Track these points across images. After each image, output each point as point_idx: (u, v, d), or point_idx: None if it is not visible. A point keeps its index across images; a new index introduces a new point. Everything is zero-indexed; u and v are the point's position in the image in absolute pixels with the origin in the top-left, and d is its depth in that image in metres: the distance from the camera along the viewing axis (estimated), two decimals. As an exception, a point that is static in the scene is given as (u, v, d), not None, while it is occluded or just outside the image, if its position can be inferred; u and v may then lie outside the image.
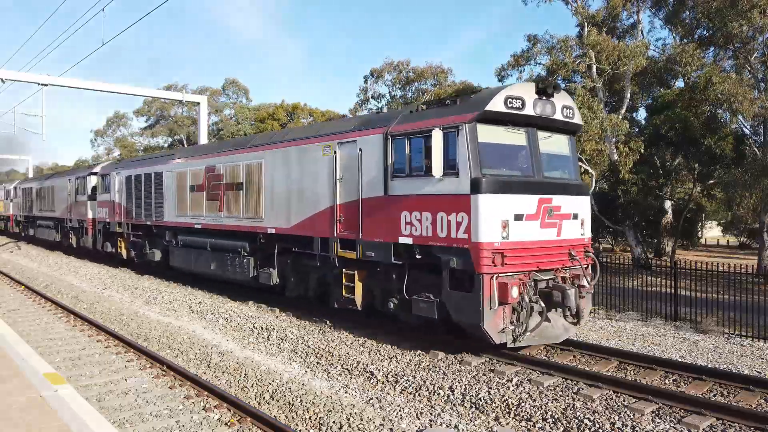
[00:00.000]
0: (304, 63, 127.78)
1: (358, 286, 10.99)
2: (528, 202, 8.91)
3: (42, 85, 24.34)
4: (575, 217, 9.57)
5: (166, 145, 60.76)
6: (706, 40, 25.98)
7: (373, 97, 46.82)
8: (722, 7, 21.93)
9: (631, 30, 30.18)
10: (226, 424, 6.89)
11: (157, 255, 18.94)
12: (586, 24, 27.48)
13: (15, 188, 39.19)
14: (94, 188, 24.30)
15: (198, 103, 29.92)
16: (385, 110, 30.75)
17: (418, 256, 9.59)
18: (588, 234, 10.02)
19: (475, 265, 8.51)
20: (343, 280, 11.17)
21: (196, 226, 16.34)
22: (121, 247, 21.88)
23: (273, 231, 13.07)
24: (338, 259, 11.20)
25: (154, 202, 18.67)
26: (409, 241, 9.61)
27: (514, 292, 8.46)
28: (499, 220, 8.58)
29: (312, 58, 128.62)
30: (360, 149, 10.65)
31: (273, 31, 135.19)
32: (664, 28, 29.57)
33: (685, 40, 26.62)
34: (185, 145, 50.45)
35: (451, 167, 8.91)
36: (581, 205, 9.81)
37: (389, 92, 46.57)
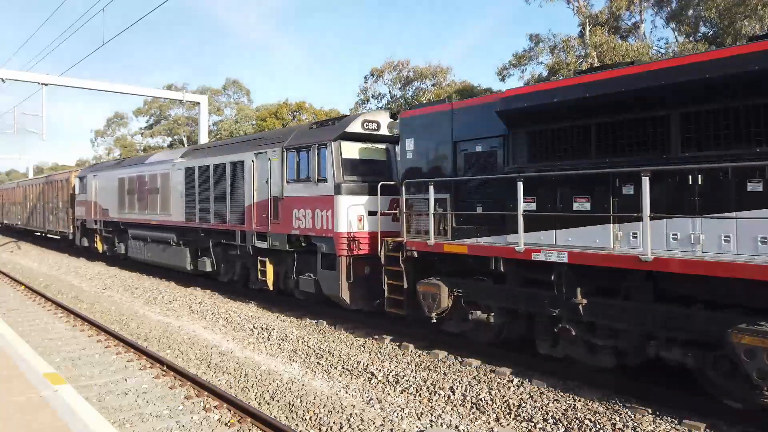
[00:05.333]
0: (303, 62, 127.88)
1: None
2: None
3: (42, 84, 24.36)
4: None
5: (165, 145, 60.79)
6: (711, 39, 25.98)
7: (373, 96, 46.90)
8: (731, 5, 21.85)
9: (634, 30, 30.18)
10: (226, 424, 6.88)
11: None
12: (588, 24, 27.48)
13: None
14: None
15: (198, 103, 29.94)
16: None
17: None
18: None
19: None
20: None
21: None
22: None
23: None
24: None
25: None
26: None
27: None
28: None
29: (312, 58, 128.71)
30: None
31: (273, 30, 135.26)
32: (666, 27, 29.59)
33: (689, 39, 26.61)
34: (185, 145, 50.48)
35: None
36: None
37: (389, 92, 46.64)
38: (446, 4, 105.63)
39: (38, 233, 36.11)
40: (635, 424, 6.52)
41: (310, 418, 7.05)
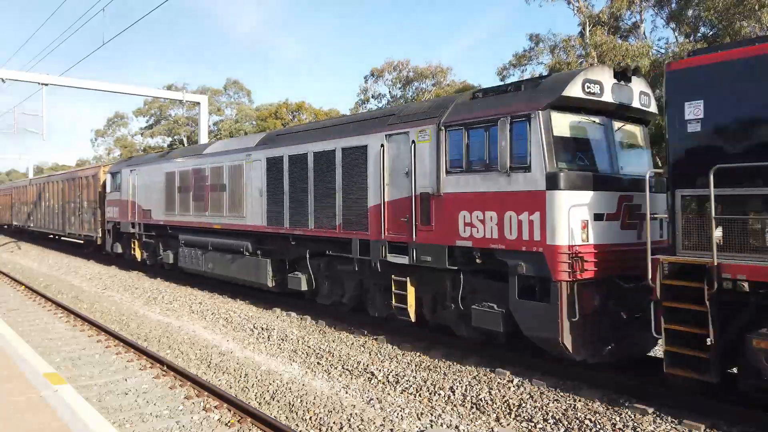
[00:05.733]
0: (303, 63, 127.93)
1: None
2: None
3: (42, 84, 24.36)
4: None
5: (165, 145, 60.79)
6: (711, 39, 25.99)
7: (373, 96, 46.91)
8: (729, 6, 21.88)
9: (634, 30, 30.18)
10: (226, 424, 6.88)
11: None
12: (588, 24, 27.48)
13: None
14: None
15: (198, 103, 29.94)
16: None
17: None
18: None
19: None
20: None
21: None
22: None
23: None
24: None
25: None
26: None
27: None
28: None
29: (312, 58, 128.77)
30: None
31: (273, 30, 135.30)
32: (666, 27, 29.60)
33: (689, 39, 26.61)
34: (185, 145, 50.45)
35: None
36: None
37: (389, 92, 46.66)
38: (446, 4, 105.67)
39: (54, 236, 32.77)
40: (635, 424, 6.52)
41: (311, 418, 7.05)
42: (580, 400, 7.25)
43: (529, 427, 6.69)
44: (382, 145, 10.17)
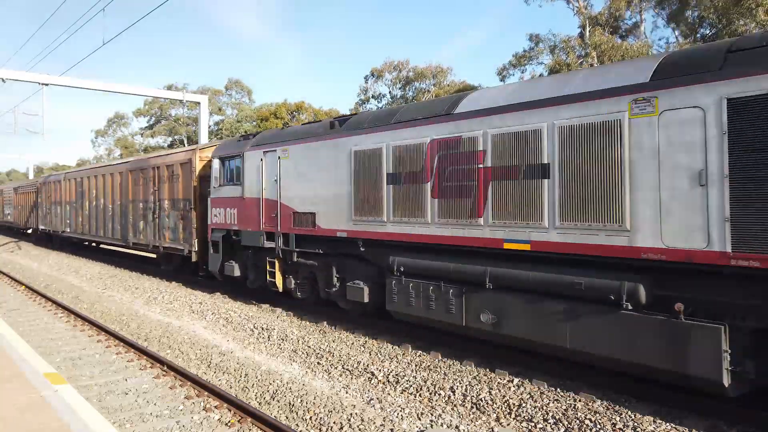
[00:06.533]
0: (303, 62, 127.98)
1: None
2: None
3: (42, 84, 24.38)
4: None
5: (165, 145, 60.83)
6: (710, 39, 26.03)
7: (373, 96, 46.95)
8: (728, 5, 21.97)
9: (634, 30, 30.20)
10: (226, 424, 6.89)
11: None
12: (588, 24, 27.50)
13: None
14: None
15: (198, 103, 29.96)
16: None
17: None
18: None
19: None
20: None
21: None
22: None
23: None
24: None
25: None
26: None
27: None
28: None
29: (312, 58, 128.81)
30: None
31: (273, 30, 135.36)
32: (667, 27, 29.63)
33: (688, 41, 26.63)
34: (185, 145, 50.38)
35: None
36: None
37: (389, 92, 46.69)
38: (446, 4, 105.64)
39: (106, 244, 25.91)
40: (635, 424, 6.53)
41: (311, 418, 7.05)
42: (580, 400, 7.26)
43: (530, 427, 6.70)
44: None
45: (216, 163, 14.88)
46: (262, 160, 13.10)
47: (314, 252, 11.92)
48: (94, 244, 28.34)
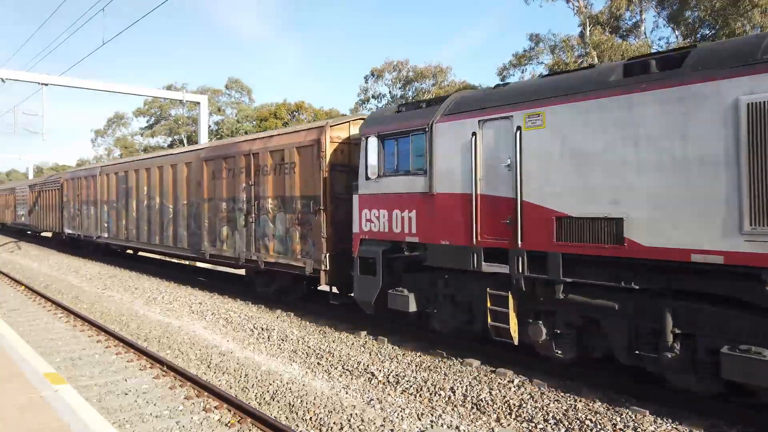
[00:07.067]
0: (303, 62, 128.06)
1: None
2: None
3: (42, 84, 24.38)
4: None
5: (165, 145, 60.83)
6: (710, 40, 26.05)
7: (373, 96, 46.92)
8: (725, 6, 22.06)
9: (634, 29, 30.21)
10: (226, 424, 6.88)
11: None
12: (588, 24, 27.51)
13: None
14: None
15: (198, 103, 29.96)
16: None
17: None
18: None
19: None
20: None
21: None
22: None
23: None
24: None
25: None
26: None
27: None
28: None
29: (312, 58, 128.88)
30: None
31: (273, 30, 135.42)
32: (667, 27, 29.63)
33: (689, 40, 26.64)
34: (185, 145, 50.36)
35: None
36: None
37: (389, 92, 46.66)
38: (446, 4, 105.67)
39: (163, 255, 21.48)
40: (635, 424, 6.52)
41: (311, 418, 7.05)
42: (580, 401, 7.25)
43: (530, 428, 6.69)
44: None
45: (372, 143, 10.20)
46: (474, 134, 8.46)
47: (611, 286, 7.16)
48: (140, 253, 23.36)
